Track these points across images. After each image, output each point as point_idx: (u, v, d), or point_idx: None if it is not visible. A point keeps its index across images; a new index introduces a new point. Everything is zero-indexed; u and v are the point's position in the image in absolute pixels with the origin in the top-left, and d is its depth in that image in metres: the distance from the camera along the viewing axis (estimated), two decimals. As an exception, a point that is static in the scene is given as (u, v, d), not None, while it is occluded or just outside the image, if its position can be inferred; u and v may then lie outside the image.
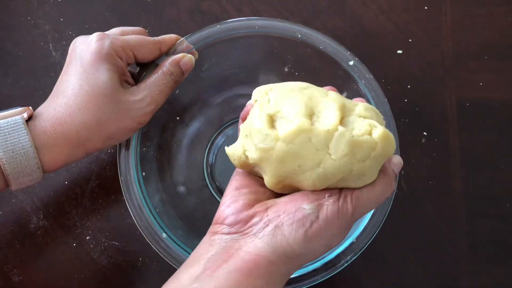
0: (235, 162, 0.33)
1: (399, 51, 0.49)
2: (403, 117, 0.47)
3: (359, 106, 0.31)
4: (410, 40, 0.49)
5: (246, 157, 0.31)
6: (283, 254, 0.29)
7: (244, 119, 0.33)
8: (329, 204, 0.29)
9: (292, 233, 0.29)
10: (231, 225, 0.30)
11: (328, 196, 0.30)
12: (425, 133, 0.47)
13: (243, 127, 0.32)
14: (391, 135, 0.30)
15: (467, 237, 0.45)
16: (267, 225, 0.29)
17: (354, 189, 0.31)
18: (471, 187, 0.46)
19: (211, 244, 0.30)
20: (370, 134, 0.30)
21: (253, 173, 0.33)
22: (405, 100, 0.48)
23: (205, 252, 0.30)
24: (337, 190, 0.31)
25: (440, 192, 0.46)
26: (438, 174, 0.46)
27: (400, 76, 0.48)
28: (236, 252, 0.29)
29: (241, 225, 0.30)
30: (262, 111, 0.31)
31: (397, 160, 0.33)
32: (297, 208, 0.29)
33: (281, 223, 0.29)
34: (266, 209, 0.30)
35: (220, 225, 0.30)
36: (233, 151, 0.33)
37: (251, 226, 0.30)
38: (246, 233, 0.29)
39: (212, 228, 0.31)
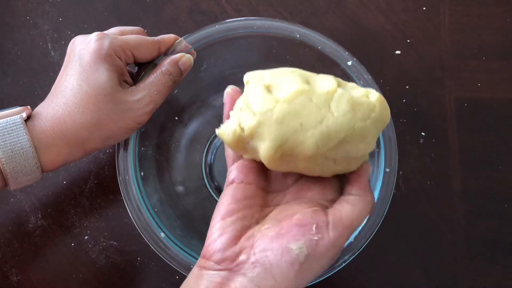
0: (228, 137, 0.31)
1: (398, 52, 0.49)
2: (401, 117, 0.47)
3: (351, 83, 0.32)
4: (408, 41, 0.50)
5: (241, 129, 0.30)
6: None
7: (230, 104, 0.33)
8: (318, 239, 0.29)
9: (282, 277, 0.28)
10: (218, 262, 0.30)
11: (316, 228, 0.29)
12: (423, 133, 0.47)
13: (237, 103, 0.32)
14: (385, 100, 0.31)
15: (465, 237, 0.45)
16: (255, 266, 0.29)
17: (341, 213, 0.30)
18: (470, 187, 0.46)
19: (199, 279, 0.30)
20: (367, 97, 0.30)
21: (247, 153, 0.32)
22: (404, 100, 0.48)
23: (194, 287, 0.30)
24: (324, 218, 0.30)
25: (439, 192, 0.46)
26: (436, 174, 0.46)
27: (398, 76, 0.48)
28: None
29: (229, 263, 0.29)
30: (257, 85, 0.30)
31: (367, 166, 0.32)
32: (284, 249, 0.29)
33: (269, 265, 0.29)
34: (253, 244, 0.30)
35: (207, 261, 0.30)
36: (225, 127, 0.31)
37: (238, 265, 0.29)
38: (235, 271, 0.29)
39: (200, 262, 0.31)
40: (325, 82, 0.30)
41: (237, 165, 0.33)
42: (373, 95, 0.30)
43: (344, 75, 0.40)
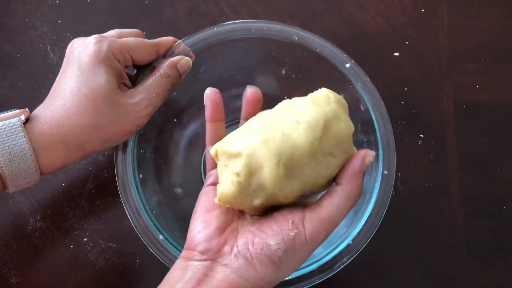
0: (230, 191, 0.31)
1: (396, 54, 0.49)
2: (400, 119, 0.47)
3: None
4: (407, 43, 0.49)
5: (237, 174, 0.31)
6: (255, 285, 0.30)
7: (211, 107, 0.35)
8: (295, 235, 0.30)
9: (263, 268, 0.30)
10: (202, 252, 0.31)
11: (292, 224, 0.30)
12: (421, 135, 0.47)
13: (218, 168, 0.33)
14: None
15: (464, 238, 0.45)
16: (238, 258, 0.30)
17: (319, 209, 0.31)
18: (468, 189, 0.46)
19: (184, 270, 0.31)
20: (318, 94, 0.33)
21: (252, 202, 0.31)
22: (402, 103, 0.48)
23: (179, 277, 0.30)
24: (300, 213, 0.31)
25: (437, 193, 0.46)
26: (435, 175, 0.46)
27: (396, 79, 0.48)
28: (210, 280, 0.30)
29: (213, 254, 0.31)
30: (228, 143, 0.32)
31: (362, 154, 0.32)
32: (264, 244, 0.30)
33: (251, 258, 0.30)
34: (236, 237, 0.31)
35: (192, 251, 0.31)
36: (223, 186, 0.31)
37: (222, 256, 0.30)
38: (218, 262, 0.30)
39: (184, 253, 0.32)
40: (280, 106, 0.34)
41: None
42: (322, 90, 0.33)
43: (342, 77, 0.40)
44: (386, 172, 0.38)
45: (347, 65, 0.40)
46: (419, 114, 0.48)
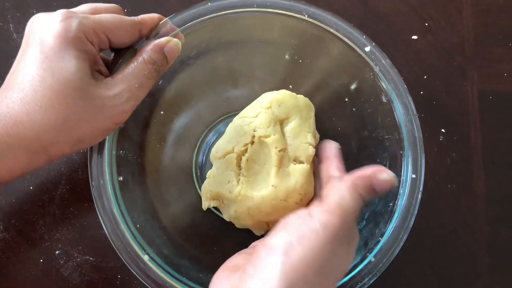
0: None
1: (414, 37, 0.47)
2: (418, 111, 0.44)
3: None
4: (426, 24, 0.47)
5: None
6: None
7: None
8: (299, 226, 0.29)
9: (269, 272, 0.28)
10: None
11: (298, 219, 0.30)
12: (443, 130, 0.45)
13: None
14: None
15: (489, 246, 0.43)
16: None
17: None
18: (494, 190, 0.44)
19: None
20: None
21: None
22: (421, 93, 0.46)
23: None
24: (304, 209, 0.31)
25: (460, 195, 0.44)
26: (458, 175, 0.44)
27: (415, 65, 0.46)
28: None
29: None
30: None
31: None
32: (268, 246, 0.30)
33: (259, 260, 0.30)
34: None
35: None
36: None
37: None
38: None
39: None
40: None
41: None
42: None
43: (360, 62, 0.38)
44: (413, 176, 0.35)
45: (367, 49, 0.37)
46: (440, 106, 0.46)
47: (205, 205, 0.38)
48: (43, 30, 0.32)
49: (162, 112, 0.42)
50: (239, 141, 0.36)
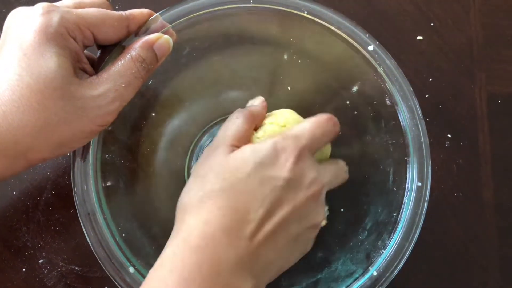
0: None
1: (419, 37, 0.46)
2: (424, 115, 0.43)
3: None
4: (432, 24, 0.47)
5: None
6: None
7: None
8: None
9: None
10: None
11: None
12: (449, 135, 0.45)
13: None
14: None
15: (499, 259, 0.42)
16: None
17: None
18: (504, 200, 0.43)
19: None
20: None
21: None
22: (426, 96, 0.45)
23: None
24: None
25: (467, 205, 0.43)
26: (465, 184, 0.44)
27: (420, 67, 0.46)
28: None
29: None
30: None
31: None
32: None
33: None
34: None
35: None
36: None
37: None
38: None
39: None
40: None
41: None
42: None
43: (363, 63, 0.37)
44: (419, 184, 0.34)
45: (370, 48, 0.36)
46: (447, 110, 0.45)
47: None
48: (22, 25, 0.30)
49: (153, 114, 0.41)
50: None
